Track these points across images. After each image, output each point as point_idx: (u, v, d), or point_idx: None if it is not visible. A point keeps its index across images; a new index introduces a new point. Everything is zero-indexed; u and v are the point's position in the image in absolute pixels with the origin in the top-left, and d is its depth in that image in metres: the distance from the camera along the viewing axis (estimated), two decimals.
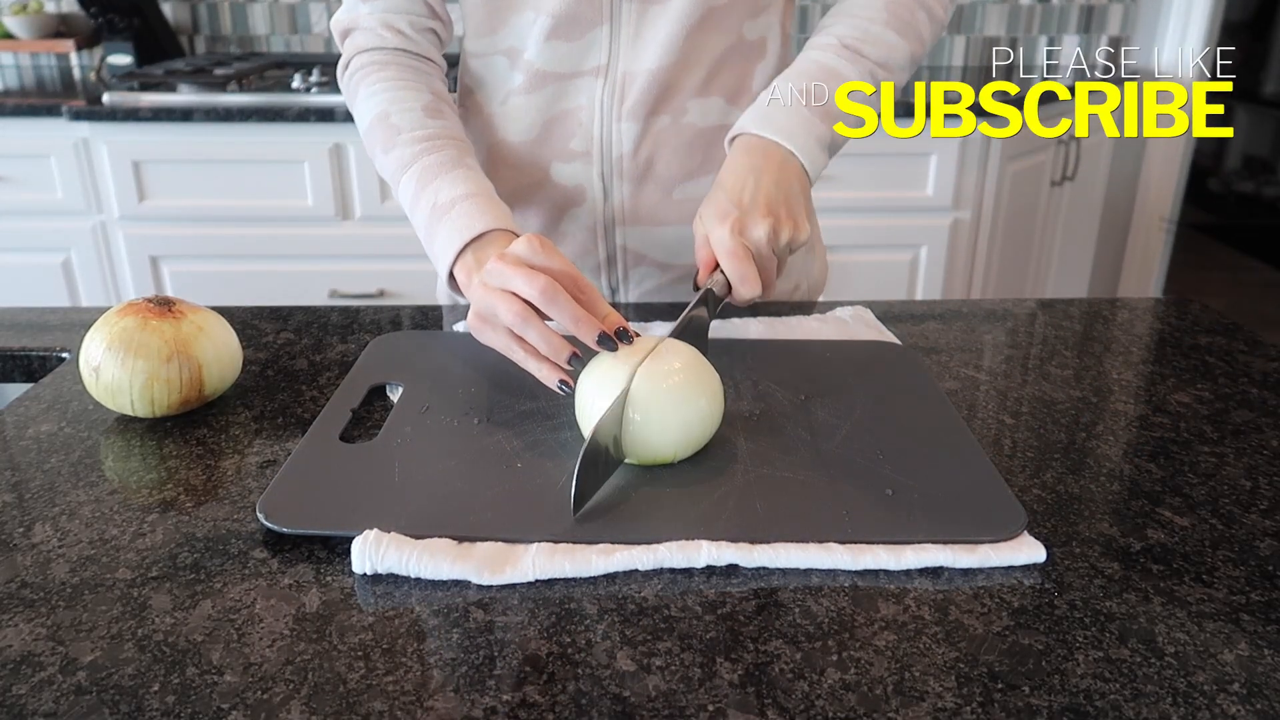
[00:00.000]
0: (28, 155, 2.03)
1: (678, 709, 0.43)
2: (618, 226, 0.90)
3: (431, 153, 0.79)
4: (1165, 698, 0.43)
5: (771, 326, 0.86)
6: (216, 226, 2.05)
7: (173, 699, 0.43)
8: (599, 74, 0.84)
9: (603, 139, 0.86)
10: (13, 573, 0.52)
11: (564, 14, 0.81)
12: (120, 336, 0.67)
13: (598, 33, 0.83)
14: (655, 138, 0.86)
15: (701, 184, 0.89)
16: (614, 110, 0.85)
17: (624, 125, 0.86)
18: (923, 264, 2.15)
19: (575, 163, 0.87)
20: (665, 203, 0.89)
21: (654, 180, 0.88)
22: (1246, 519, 0.58)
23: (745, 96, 0.88)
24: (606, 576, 0.52)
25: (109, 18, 2.25)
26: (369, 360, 0.77)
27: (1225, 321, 0.90)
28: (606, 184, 0.88)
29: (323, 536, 0.54)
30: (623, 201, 0.89)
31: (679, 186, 0.89)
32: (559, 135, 0.87)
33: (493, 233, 0.74)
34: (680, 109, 0.86)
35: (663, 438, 0.59)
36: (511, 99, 0.87)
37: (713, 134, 0.88)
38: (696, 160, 0.88)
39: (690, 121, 0.87)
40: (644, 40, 0.83)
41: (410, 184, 0.79)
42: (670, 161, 0.88)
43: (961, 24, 2.59)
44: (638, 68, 0.84)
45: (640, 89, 0.84)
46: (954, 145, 2.04)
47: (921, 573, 0.52)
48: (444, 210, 0.76)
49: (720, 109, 0.87)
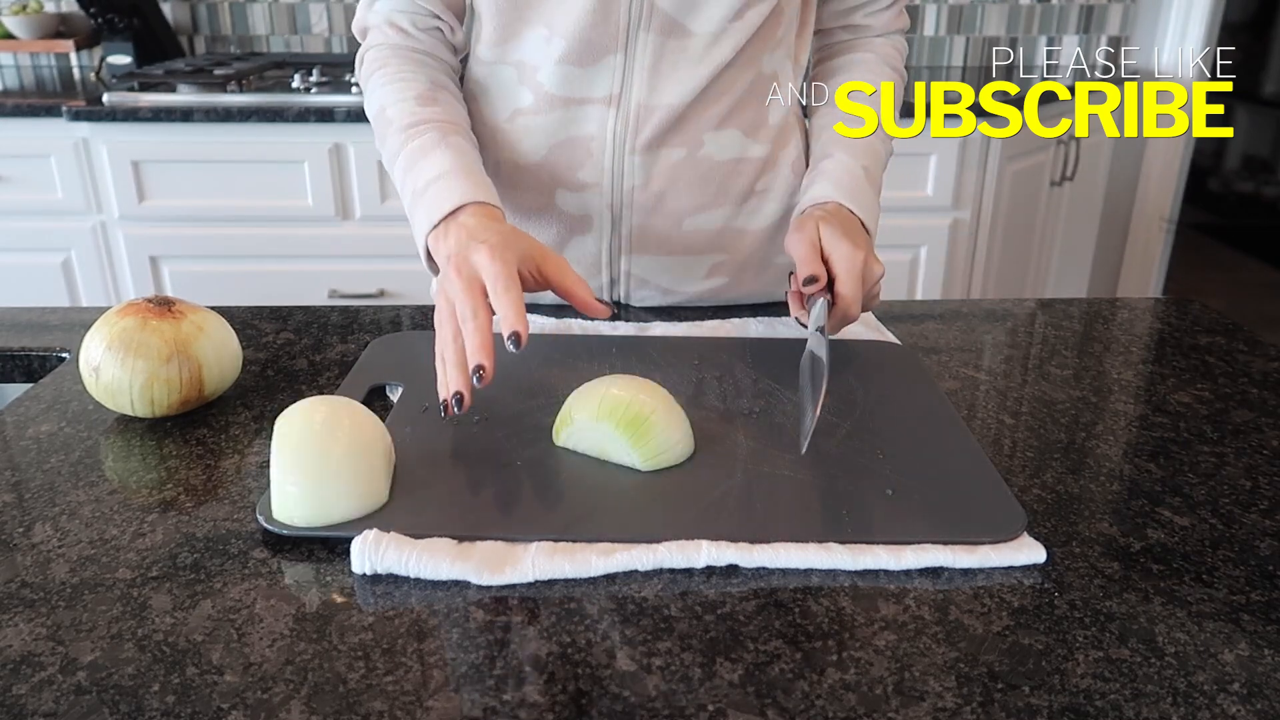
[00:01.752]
0: (28, 155, 2.03)
1: (678, 709, 0.43)
2: (624, 254, 0.90)
3: (414, 139, 0.79)
4: (1165, 698, 0.43)
5: (771, 326, 0.86)
6: (216, 226, 2.05)
7: (173, 699, 0.43)
8: (611, 103, 0.83)
9: (614, 171, 0.85)
10: (13, 573, 0.52)
11: (578, 36, 0.79)
12: (120, 336, 0.67)
13: (611, 60, 0.81)
14: (669, 171, 0.85)
15: (713, 216, 0.88)
16: (627, 143, 0.84)
17: (637, 158, 0.84)
18: (923, 264, 2.15)
19: (584, 193, 0.86)
20: (674, 234, 0.88)
21: (664, 213, 0.87)
22: (1246, 519, 0.58)
23: (762, 129, 0.87)
24: (606, 576, 0.52)
25: (109, 18, 2.25)
26: (369, 360, 0.77)
27: (1225, 321, 0.90)
28: (615, 214, 0.87)
29: (323, 536, 0.54)
30: (631, 231, 0.88)
31: (690, 218, 0.88)
32: (566, 162, 0.85)
33: (462, 209, 0.72)
34: (696, 142, 0.85)
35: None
36: (519, 118, 0.86)
37: (728, 167, 0.87)
38: (710, 193, 0.87)
39: (706, 154, 0.85)
40: (662, 74, 0.82)
41: (399, 174, 0.79)
42: (683, 195, 0.87)
43: (962, 24, 2.59)
44: (656, 101, 0.82)
45: (657, 123, 0.83)
46: (954, 145, 2.04)
47: (921, 573, 0.52)
48: (419, 195, 0.75)
49: (738, 142, 0.86)
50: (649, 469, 0.60)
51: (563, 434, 0.63)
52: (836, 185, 0.83)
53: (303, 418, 0.56)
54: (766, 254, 0.92)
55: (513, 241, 0.68)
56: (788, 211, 0.91)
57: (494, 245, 0.66)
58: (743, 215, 0.89)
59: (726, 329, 0.86)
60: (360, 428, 0.57)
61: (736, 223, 0.89)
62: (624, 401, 0.60)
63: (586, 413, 0.61)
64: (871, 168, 0.85)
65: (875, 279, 0.77)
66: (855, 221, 0.80)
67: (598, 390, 0.62)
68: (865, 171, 0.84)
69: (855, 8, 0.90)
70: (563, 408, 0.63)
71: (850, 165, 0.84)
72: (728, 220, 0.89)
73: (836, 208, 0.81)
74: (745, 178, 0.88)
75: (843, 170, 0.84)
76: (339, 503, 0.54)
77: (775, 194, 0.90)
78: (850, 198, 0.82)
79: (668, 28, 0.80)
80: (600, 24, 0.79)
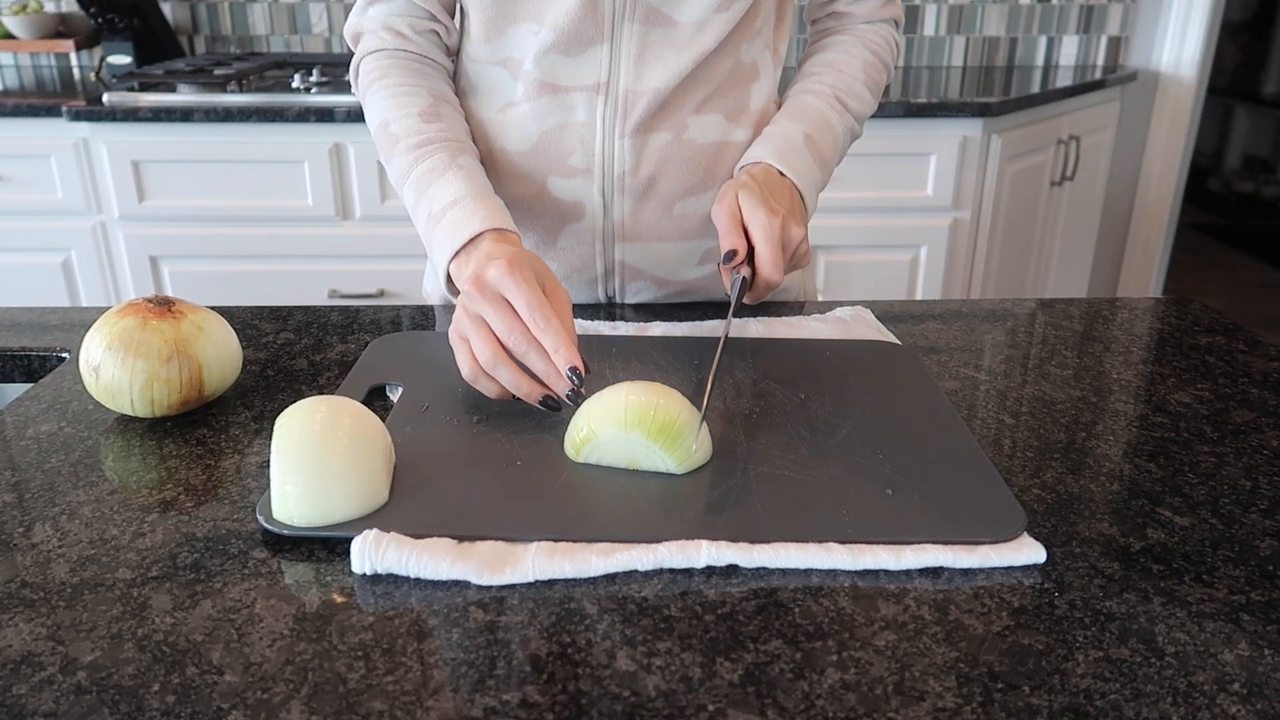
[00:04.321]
0: (28, 155, 2.03)
1: (678, 709, 0.43)
2: (617, 241, 0.90)
3: (424, 159, 0.81)
4: (1165, 698, 0.43)
5: (771, 326, 0.86)
6: (216, 226, 2.05)
7: (173, 699, 0.43)
8: (599, 90, 0.84)
9: (604, 156, 0.86)
10: (13, 573, 0.52)
11: (566, 29, 0.81)
12: (120, 336, 0.67)
13: (597, 50, 0.83)
14: (657, 154, 0.87)
15: (702, 200, 0.89)
16: (616, 127, 0.85)
17: (626, 142, 0.86)
18: (923, 264, 2.15)
19: (575, 179, 0.87)
20: (665, 219, 0.89)
21: (655, 197, 0.88)
22: (1246, 519, 0.58)
23: (744, 115, 0.89)
24: (606, 576, 0.52)
25: (109, 18, 2.25)
26: (369, 360, 0.77)
27: (1225, 321, 0.90)
28: (607, 200, 0.88)
29: (323, 536, 0.54)
30: (623, 217, 0.89)
31: (679, 203, 0.89)
32: (556, 149, 0.86)
33: (483, 235, 0.74)
34: (680, 125, 0.86)
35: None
36: (510, 108, 0.87)
37: (713, 151, 0.88)
38: (698, 176, 0.88)
39: (690, 138, 0.87)
40: (648, 61, 0.83)
41: (410, 194, 0.81)
42: (672, 178, 0.88)
43: (962, 24, 2.59)
44: (642, 87, 0.84)
45: (645, 106, 0.84)
46: (954, 145, 2.04)
47: (921, 573, 0.52)
48: (437, 219, 0.77)
49: (720, 126, 0.88)
50: (683, 471, 0.60)
51: (584, 450, 0.61)
52: (769, 147, 0.85)
53: (303, 418, 0.56)
54: None
55: (530, 258, 0.70)
56: None
57: (510, 259, 0.68)
58: None
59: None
60: (360, 428, 0.57)
61: None
62: (650, 407, 0.59)
63: (612, 425, 0.59)
64: (816, 134, 0.86)
65: (795, 242, 0.79)
66: (784, 184, 0.83)
67: (617, 400, 0.60)
68: (806, 137, 0.86)
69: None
70: (575, 424, 0.62)
71: (789, 129, 0.86)
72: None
73: (765, 169, 0.83)
74: (730, 161, 0.89)
75: (780, 134, 0.86)
76: (339, 503, 0.54)
77: None
78: (780, 158, 0.84)
79: (652, 17, 0.82)
80: (588, 16, 0.81)
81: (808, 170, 0.85)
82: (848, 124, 0.90)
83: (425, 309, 0.93)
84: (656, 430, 0.59)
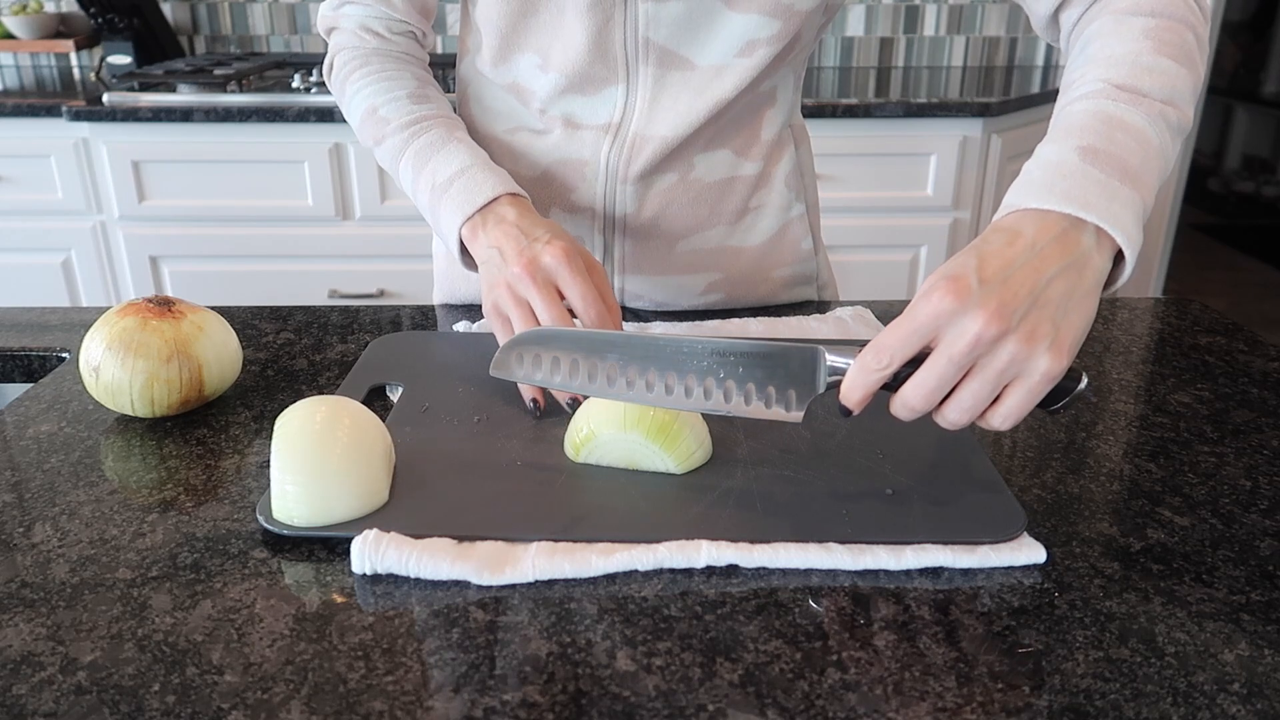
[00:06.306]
0: (28, 155, 2.03)
1: (678, 709, 0.43)
2: (618, 274, 0.90)
3: (421, 135, 0.80)
4: (1165, 698, 0.43)
5: (771, 327, 0.86)
6: (216, 226, 2.05)
7: (173, 699, 0.43)
8: (609, 131, 0.83)
9: (606, 198, 0.85)
10: (13, 573, 0.52)
11: (576, 72, 0.80)
12: (120, 336, 0.67)
13: (612, 90, 0.81)
14: (661, 197, 0.85)
15: (708, 236, 0.88)
16: (619, 172, 0.84)
17: (630, 187, 0.84)
18: (923, 264, 2.15)
19: (577, 216, 0.87)
20: (669, 256, 0.89)
21: (658, 236, 0.87)
22: (1246, 519, 0.58)
23: (754, 147, 0.86)
24: (606, 576, 0.52)
25: (109, 18, 2.25)
26: (369, 360, 0.77)
27: (1225, 321, 0.90)
28: (608, 240, 0.88)
29: (323, 536, 0.54)
30: (624, 256, 0.88)
31: (684, 240, 0.88)
32: (561, 183, 0.86)
33: (499, 199, 0.74)
34: (687, 166, 0.84)
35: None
36: (519, 133, 0.86)
37: (720, 188, 0.86)
38: (703, 215, 0.87)
39: (697, 177, 0.85)
40: (661, 105, 0.81)
41: (408, 170, 0.80)
42: (676, 218, 0.87)
43: (962, 24, 2.59)
44: (651, 132, 0.82)
45: (651, 154, 0.82)
46: (954, 145, 2.04)
47: (921, 573, 0.52)
48: (443, 189, 0.77)
49: (728, 162, 0.86)
50: (682, 471, 0.60)
51: (583, 451, 0.61)
52: (1021, 182, 0.58)
53: (303, 418, 0.56)
54: (763, 269, 0.92)
55: (576, 246, 0.70)
56: (782, 225, 0.91)
57: (565, 248, 0.68)
58: (738, 233, 0.89)
59: (727, 329, 0.86)
60: (360, 428, 0.57)
61: (732, 241, 0.89)
62: (649, 408, 0.59)
63: (611, 425, 0.59)
64: (1101, 143, 0.57)
65: (963, 342, 0.50)
66: (1047, 227, 0.54)
67: (614, 400, 0.60)
68: (1082, 151, 0.57)
69: None
70: (575, 424, 0.62)
71: (1050, 153, 0.58)
72: (722, 240, 0.89)
73: (1015, 218, 0.55)
74: (738, 196, 0.88)
75: (1036, 164, 0.58)
76: (339, 503, 0.54)
77: (769, 209, 0.90)
78: (1043, 192, 0.55)
79: (666, 59, 0.79)
80: (597, 58, 0.79)
81: (1098, 191, 0.55)
82: (1153, 110, 0.60)
83: (425, 309, 0.93)
84: (656, 430, 0.59)
